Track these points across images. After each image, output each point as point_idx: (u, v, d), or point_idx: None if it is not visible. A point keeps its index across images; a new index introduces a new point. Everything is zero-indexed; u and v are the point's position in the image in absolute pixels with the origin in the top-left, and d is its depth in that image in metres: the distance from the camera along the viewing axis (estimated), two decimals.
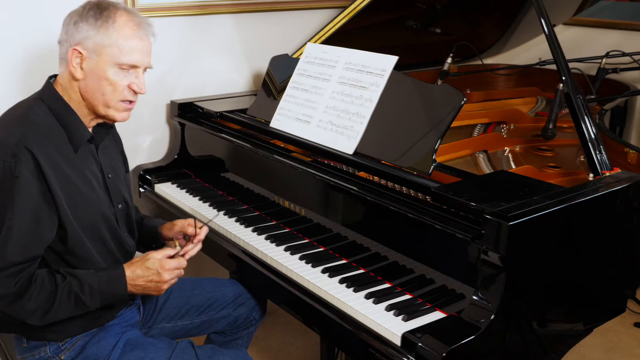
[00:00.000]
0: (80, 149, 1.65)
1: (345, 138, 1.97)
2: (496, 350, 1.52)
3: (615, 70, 2.76)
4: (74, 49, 1.61)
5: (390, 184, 1.81)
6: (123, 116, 1.69)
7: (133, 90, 1.65)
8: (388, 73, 1.96)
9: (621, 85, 2.83)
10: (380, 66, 1.98)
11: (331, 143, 2.00)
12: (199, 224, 1.82)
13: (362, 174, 1.90)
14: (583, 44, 3.17)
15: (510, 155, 2.20)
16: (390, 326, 1.52)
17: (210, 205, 2.29)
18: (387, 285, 1.71)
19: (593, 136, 1.80)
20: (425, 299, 1.63)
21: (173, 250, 1.71)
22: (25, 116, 1.60)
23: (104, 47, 1.60)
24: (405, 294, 1.66)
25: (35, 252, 1.55)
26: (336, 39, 2.51)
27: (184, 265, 1.69)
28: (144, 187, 2.56)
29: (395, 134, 1.89)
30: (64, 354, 1.68)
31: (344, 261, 1.84)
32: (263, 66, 2.62)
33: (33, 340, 1.67)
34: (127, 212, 1.81)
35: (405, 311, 1.56)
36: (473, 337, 1.42)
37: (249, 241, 2.00)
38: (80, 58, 1.61)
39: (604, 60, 2.72)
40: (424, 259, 1.67)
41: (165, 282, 1.65)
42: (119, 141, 1.93)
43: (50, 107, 1.64)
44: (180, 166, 2.61)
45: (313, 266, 1.82)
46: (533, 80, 3.05)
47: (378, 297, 1.64)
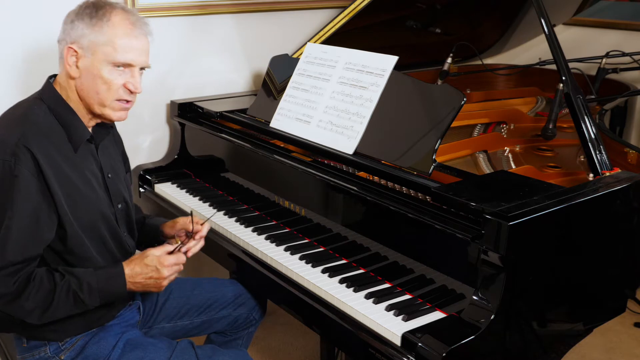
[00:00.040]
0: (80, 149, 1.65)
1: (345, 138, 1.97)
2: (496, 350, 1.52)
3: (615, 70, 2.76)
4: (69, 47, 1.61)
5: (390, 184, 1.81)
6: (119, 115, 1.68)
7: (128, 89, 1.64)
8: (388, 73, 1.96)
9: (621, 85, 2.83)
10: (380, 66, 1.98)
11: (331, 143, 2.00)
12: (197, 220, 1.82)
13: (362, 174, 1.90)
14: (583, 44, 3.17)
15: (510, 155, 2.20)
16: (390, 326, 1.52)
17: (210, 205, 2.29)
18: (387, 285, 1.71)
19: (593, 136, 1.80)
20: (425, 299, 1.63)
21: (173, 247, 1.70)
22: (25, 116, 1.60)
23: (99, 46, 1.59)
24: (405, 294, 1.66)
25: (34, 252, 1.55)
26: (336, 39, 2.51)
27: (183, 260, 1.68)
28: (144, 187, 2.56)
29: (395, 134, 1.88)
30: (64, 354, 1.68)
31: (344, 261, 1.84)
32: (263, 66, 2.62)
33: (33, 340, 1.67)
34: (127, 212, 1.81)
35: (405, 311, 1.56)
36: (473, 337, 1.42)
37: (249, 241, 2.00)
38: (75, 56, 1.61)
39: (604, 60, 2.72)
40: (424, 259, 1.67)
41: (164, 279, 1.64)
42: (120, 141, 1.92)
43: (50, 107, 1.64)
44: (180, 166, 2.61)
45: (313, 266, 1.82)
46: (533, 80, 3.05)
47: (378, 297, 1.64)
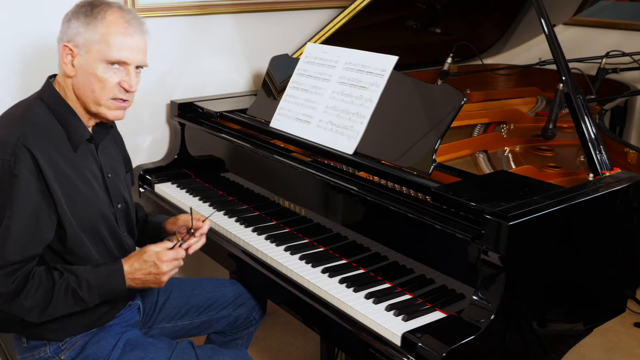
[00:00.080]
0: (80, 149, 1.65)
1: (345, 138, 1.97)
2: (496, 350, 1.52)
3: (615, 70, 2.76)
4: (65, 46, 1.61)
5: (390, 184, 1.81)
6: (115, 114, 1.67)
7: (124, 88, 1.63)
8: (388, 73, 1.96)
9: (621, 85, 2.83)
10: (380, 66, 1.98)
11: (331, 143, 2.00)
12: (197, 216, 1.81)
13: (362, 174, 1.90)
14: (583, 44, 3.17)
15: (510, 155, 2.20)
16: (390, 326, 1.52)
17: (210, 205, 2.29)
18: (387, 285, 1.71)
19: (593, 136, 1.80)
20: (425, 299, 1.62)
21: (172, 243, 1.69)
22: (24, 115, 1.60)
23: (93, 44, 1.59)
24: (405, 294, 1.66)
25: (34, 252, 1.55)
26: (336, 39, 2.51)
27: (182, 255, 1.67)
28: (144, 187, 2.56)
29: (395, 134, 1.88)
30: (64, 354, 1.68)
31: (344, 261, 1.84)
32: (263, 66, 2.62)
33: (33, 340, 1.67)
34: (127, 212, 1.81)
35: (405, 311, 1.56)
36: (473, 337, 1.42)
37: (249, 241, 1.99)
38: (71, 55, 1.61)
39: (604, 60, 2.72)
40: (424, 259, 1.67)
41: (163, 274, 1.63)
42: (120, 141, 1.92)
43: (49, 107, 1.64)
44: (180, 166, 2.61)
45: (313, 266, 1.82)
46: (533, 80, 3.05)
47: (378, 297, 1.64)
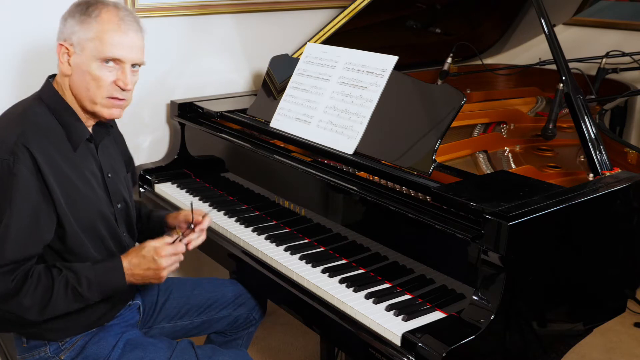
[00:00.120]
0: (79, 148, 1.65)
1: (345, 138, 1.97)
2: (496, 350, 1.51)
3: (615, 70, 2.76)
4: (61, 45, 1.62)
5: (390, 184, 1.81)
6: (111, 113, 1.66)
7: (119, 86, 1.63)
8: (388, 73, 1.96)
9: (621, 85, 2.83)
10: (380, 66, 1.98)
11: (331, 143, 2.00)
12: (198, 211, 1.80)
13: (362, 174, 1.90)
14: (583, 44, 3.17)
15: (510, 155, 2.20)
16: (390, 326, 1.52)
17: (210, 205, 2.29)
18: (387, 285, 1.71)
19: (593, 136, 1.80)
20: (425, 299, 1.62)
21: (172, 238, 1.68)
22: (24, 115, 1.60)
23: (87, 42, 1.59)
24: (405, 294, 1.66)
25: (33, 251, 1.55)
26: (336, 39, 2.51)
27: (182, 250, 1.67)
28: (144, 187, 2.56)
29: (395, 134, 1.88)
30: (64, 354, 1.68)
31: (344, 261, 1.84)
32: (263, 66, 2.62)
33: (33, 340, 1.67)
34: (127, 212, 1.81)
35: (405, 311, 1.56)
36: (473, 337, 1.42)
37: (249, 241, 1.99)
38: (67, 53, 1.61)
39: (604, 60, 2.72)
40: (424, 259, 1.67)
41: (163, 269, 1.62)
42: (121, 140, 1.92)
43: (49, 106, 1.64)
44: (180, 166, 2.61)
45: (313, 266, 1.82)
46: (533, 80, 3.05)
47: (378, 297, 1.64)
